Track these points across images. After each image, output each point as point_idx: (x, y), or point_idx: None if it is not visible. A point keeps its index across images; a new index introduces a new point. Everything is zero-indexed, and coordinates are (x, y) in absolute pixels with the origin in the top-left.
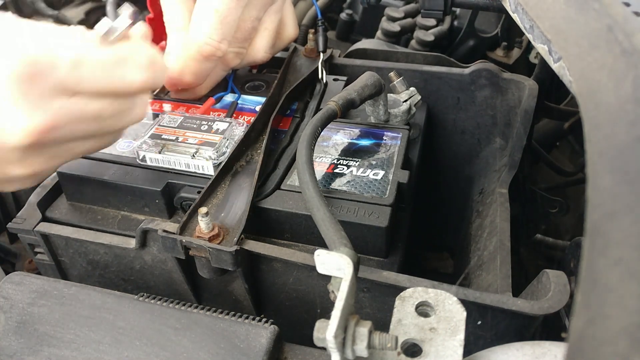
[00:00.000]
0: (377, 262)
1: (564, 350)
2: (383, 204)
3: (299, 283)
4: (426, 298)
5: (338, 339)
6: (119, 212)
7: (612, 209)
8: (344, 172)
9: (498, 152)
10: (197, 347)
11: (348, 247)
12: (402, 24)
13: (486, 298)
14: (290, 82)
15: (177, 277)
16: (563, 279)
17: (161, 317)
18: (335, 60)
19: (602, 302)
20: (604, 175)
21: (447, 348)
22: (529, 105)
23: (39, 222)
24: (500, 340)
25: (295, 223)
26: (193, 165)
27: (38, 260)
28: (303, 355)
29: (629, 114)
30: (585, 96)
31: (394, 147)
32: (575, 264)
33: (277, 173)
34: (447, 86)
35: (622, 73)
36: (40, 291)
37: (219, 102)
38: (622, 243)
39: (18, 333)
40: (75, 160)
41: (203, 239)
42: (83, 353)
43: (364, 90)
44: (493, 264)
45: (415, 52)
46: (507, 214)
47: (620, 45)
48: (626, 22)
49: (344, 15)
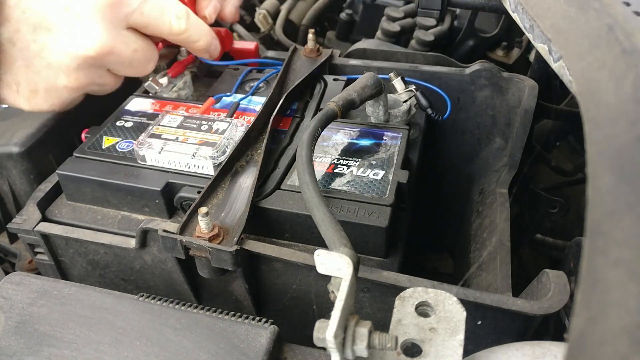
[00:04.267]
0: (377, 262)
1: (564, 350)
2: (383, 204)
3: (299, 283)
4: (426, 298)
5: (338, 339)
6: (119, 212)
7: (612, 208)
8: (344, 172)
9: (498, 152)
10: (197, 347)
11: (348, 247)
12: (402, 24)
13: (486, 298)
14: (290, 82)
15: (177, 277)
16: (563, 279)
17: (161, 317)
18: (335, 60)
19: (602, 302)
20: (604, 175)
21: (447, 348)
22: (529, 105)
23: (39, 222)
24: (500, 340)
25: (295, 223)
26: (193, 165)
27: (38, 260)
28: (303, 355)
29: (629, 113)
30: (585, 96)
31: (394, 147)
32: (575, 264)
33: (277, 173)
34: (447, 86)
35: (623, 73)
36: (40, 291)
37: (220, 102)
38: (622, 243)
39: (18, 333)
40: (76, 160)
41: (203, 239)
42: (83, 353)
43: (364, 90)
44: (493, 264)
45: (415, 52)
46: (507, 214)
47: (620, 44)
48: (626, 22)
49: (344, 15)
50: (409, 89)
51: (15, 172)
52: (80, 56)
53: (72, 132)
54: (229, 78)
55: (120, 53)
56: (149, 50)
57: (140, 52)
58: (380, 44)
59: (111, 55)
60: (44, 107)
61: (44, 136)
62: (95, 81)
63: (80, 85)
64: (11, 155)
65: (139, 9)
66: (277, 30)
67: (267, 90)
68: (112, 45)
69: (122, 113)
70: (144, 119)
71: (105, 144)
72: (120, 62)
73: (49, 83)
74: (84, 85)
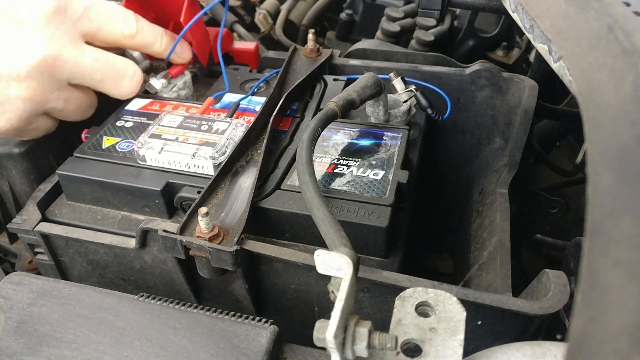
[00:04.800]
0: (377, 262)
1: (564, 350)
2: (383, 204)
3: (299, 283)
4: (426, 298)
5: (338, 339)
6: (119, 212)
7: (612, 208)
8: (344, 172)
9: (498, 152)
10: (197, 347)
11: (348, 247)
12: (402, 24)
13: (486, 298)
14: (290, 82)
15: (177, 277)
16: (563, 279)
17: (161, 317)
18: (335, 60)
19: (602, 302)
20: (604, 175)
21: (447, 348)
22: (529, 105)
23: (39, 222)
24: (500, 340)
25: (295, 223)
26: (193, 165)
27: (38, 260)
28: (303, 355)
29: (629, 113)
30: (585, 96)
31: (394, 147)
32: (575, 264)
33: (277, 173)
34: (447, 86)
35: (623, 73)
36: (40, 291)
37: (220, 102)
38: (622, 243)
39: (18, 333)
40: (76, 160)
41: (203, 239)
42: (83, 353)
43: (364, 90)
44: (493, 264)
45: (415, 52)
46: (507, 214)
47: (620, 44)
48: (626, 22)
49: (344, 15)
50: (409, 89)
51: (15, 172)
52: (27, 64)
53: (72, 132)
54: (229, 78)
55: (74, 61)
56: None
57: (101, 61)
58: (380, 44)
59: (63, 64)
60: (1, 123)
61: (44, 136)
62: (52, 95)
63: (34, 96)
64: (11, 155)
65: (85, 14)
66: (277, 30)
67: (267, 90)
68: (58, 52)
69: (122, 113)
70: (144, 119)
71: (105, 144)
72: (79, 73)
73: (1, 95)
74: (39, 96)
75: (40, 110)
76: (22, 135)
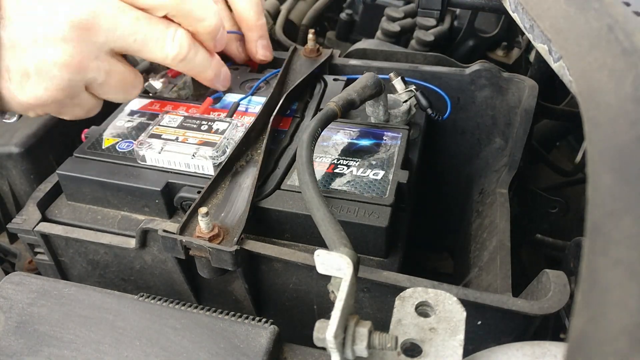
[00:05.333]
0: (377, 262)
1: (564, 350)
2: (383, 204)
3: (299, 283)
4: (426, 298)
5: (338, 339)
6: (119, 212)
7: (612, 208)
8: (344, 172)
9: (498, 152)
10: (197, 347)
11: (348, 247)
12: (402, 24)
13: (486, 298)
14: (290, 82)
15: (177, 277)
16: (563, 279)
17: (161, 317)
18: (335, 60)
19: (602, 302)
20: (604, 175)
21: (447, 348)
22: (529, 105)
23: (39, 222)
24: (500, 340)
25: (295, 223)
26: (193, 165)
27: (38, 260)
28: (303, 355)
29: (629, 113)
30: (585, 96)
31: (394, 147)
32: (575, 264)
33: (277, 173)
34: (447, 86)
35: (623, 73)
36: (40, 291)
37: (220, 102)
38: (622, 243)
39: (18, 333)
40: (76, 160)
41: (203, 239)
42: (83, 353)
43: (364, 90)
44: (493, 264)
45: (415, 52)
46: (507, 214)
47: (620, 44)
48: (626, 22)
49: (344, 15)
50: (409, 89)
51: (15, 172)
52: (64, 25)
53: (72, 132)
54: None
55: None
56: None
57: (142, 20)
58: (380, 44)
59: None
60: (40, 92)
61: (44, 136)
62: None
63: (72, 62)
64: (11, 155)
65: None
66: (277, 30)
67: (267, 90)
68: (95, 10)
69: (122, 113)
70: (144, 119)
71: (105, 144)
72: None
73: (38, 60)
74: (77, 62)
75: (80, 80)
76: (65, 112)
